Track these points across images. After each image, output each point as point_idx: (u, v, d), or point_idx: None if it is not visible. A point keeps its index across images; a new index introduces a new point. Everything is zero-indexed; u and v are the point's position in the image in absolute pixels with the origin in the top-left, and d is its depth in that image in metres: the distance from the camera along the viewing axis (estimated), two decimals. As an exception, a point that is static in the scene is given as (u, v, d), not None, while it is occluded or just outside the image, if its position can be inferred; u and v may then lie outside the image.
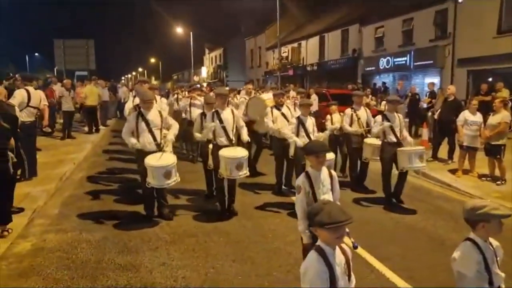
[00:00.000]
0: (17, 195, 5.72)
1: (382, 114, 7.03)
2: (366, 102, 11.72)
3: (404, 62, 21.74)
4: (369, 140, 7.47)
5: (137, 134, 5.79)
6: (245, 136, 6.44)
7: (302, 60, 33.41)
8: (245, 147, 6.36)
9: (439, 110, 10.19)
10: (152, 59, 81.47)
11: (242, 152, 6.01)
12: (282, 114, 7.65)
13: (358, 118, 7.75)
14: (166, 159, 5.58)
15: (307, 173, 3.64)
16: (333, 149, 7.53)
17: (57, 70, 26.47)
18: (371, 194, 7.39)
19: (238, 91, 12.47)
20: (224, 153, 5.88)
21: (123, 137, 5.93)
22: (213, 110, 6.20)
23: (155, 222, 5.87)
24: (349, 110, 7.88)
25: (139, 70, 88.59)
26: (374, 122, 7.06)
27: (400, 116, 6.98)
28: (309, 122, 6.65)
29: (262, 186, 7.85)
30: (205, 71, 55.61)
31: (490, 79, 16.21)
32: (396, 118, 6.81)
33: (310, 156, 3.62)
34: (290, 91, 12.88)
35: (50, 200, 6.92)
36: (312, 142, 4.26)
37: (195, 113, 7.92)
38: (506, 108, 8.11)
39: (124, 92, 20.91)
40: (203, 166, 6.92)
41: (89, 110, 14.56)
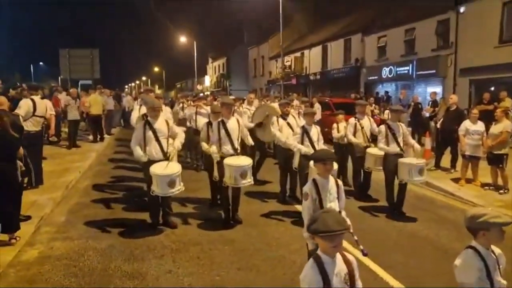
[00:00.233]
0: (24, 203, 5.78)
1: (385, 123, 7.09)
2: (371, 110, 11.77)
3: (406, 72, 21.79)
4: (371, 150, 7.51)
5: (144, 143, 5.84)
6: (249, 140, 6.76)
7: (305, 69, 33.54)
8: (248, 155, 6.43)
9: (442, 120, 10.22)
10: (155, 68, 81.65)
11: (246, 160, 6.07)
12: (288, 124, 7.70)
13: (361, 127, 7.80)
14: (171, 168, 5.63)
15: (315, 180, 3.70)
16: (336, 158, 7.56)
17: (61, 79, 26.64)
18: (375, 203, 7.43)
19: (243, 100, 12.53)
20: (228, 161, 5.94)
21: (132, 147, 5.92)
22: (219, 120, 6.28)
23: (161, 230, 5.92)
24: (352, 120, 7.93)
25: (143, 78, 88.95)
26: (379, 132, 7.03)
27: (402, 125, 7.03)
28: (313, 131, 6.68)
29: (266, 194, 7.89)
30: (208, 80, 55.84)
31: (492, 88, 16.26)
32: (399, 128, 6.86)
33: (318, 163, 3.70)
34: (293, 100, 12.94)
35: (56, 208, 6.98)
36: (319, 151, 4.34)
37: (201, 122, 8.05)
38: (507, 117, 8.16)
39: (128, 101, 21.08)
40: (208, 175, 6.99)
41: (93, 119, 14.67)
